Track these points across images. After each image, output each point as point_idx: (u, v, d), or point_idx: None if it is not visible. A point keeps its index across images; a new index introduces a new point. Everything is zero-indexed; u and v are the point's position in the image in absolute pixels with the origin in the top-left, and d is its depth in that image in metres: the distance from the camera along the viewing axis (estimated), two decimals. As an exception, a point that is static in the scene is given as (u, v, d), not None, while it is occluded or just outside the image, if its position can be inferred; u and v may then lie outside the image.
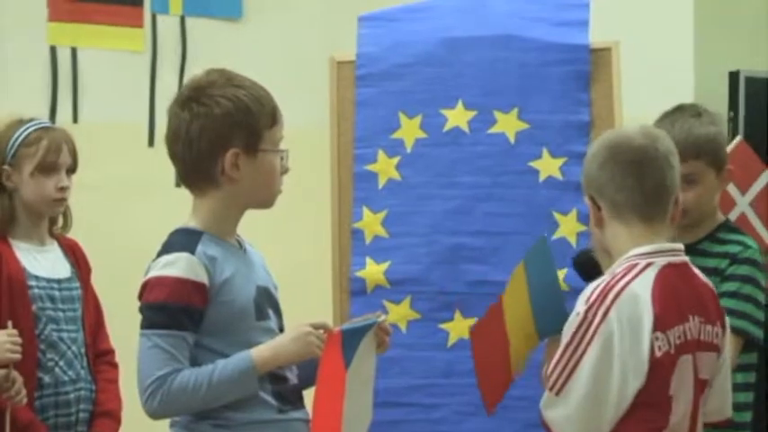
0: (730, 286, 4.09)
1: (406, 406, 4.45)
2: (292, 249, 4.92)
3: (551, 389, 3.32)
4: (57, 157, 4.16)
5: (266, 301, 3.55)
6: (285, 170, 3.57)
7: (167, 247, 3.45)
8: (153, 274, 3.42)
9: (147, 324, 3.40)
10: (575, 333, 3.30)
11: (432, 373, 4.48)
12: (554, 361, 3.30)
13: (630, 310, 3.30)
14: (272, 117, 3.53)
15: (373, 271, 4.57)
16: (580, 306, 3.32)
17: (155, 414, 3.42)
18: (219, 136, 3.45)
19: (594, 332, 3.28)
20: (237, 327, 3.44)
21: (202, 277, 3.39)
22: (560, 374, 3.31)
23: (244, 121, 3.47)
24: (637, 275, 3.36)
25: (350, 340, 3.42)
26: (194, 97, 3.48)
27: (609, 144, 3.61)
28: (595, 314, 3.28)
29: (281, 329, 3.58)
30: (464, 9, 4.65)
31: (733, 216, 4.73)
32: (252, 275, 3.53)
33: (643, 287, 3.34)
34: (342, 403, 3.39)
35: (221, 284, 3.42)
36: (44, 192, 4.15)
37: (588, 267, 3.67)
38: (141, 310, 3.43)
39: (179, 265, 3.39)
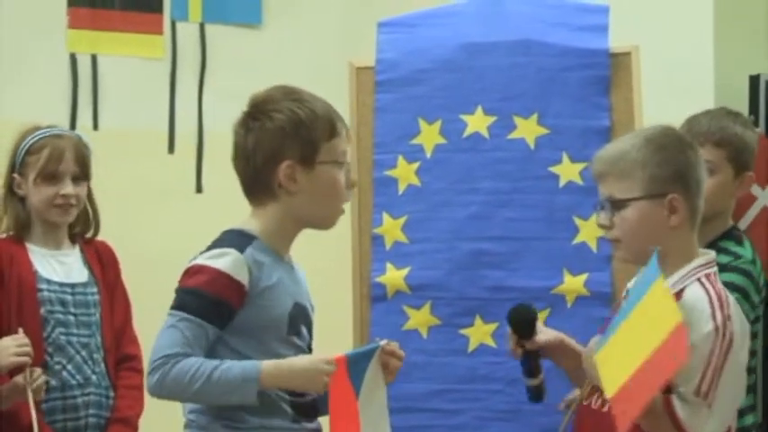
0: None
1: (426, 411, 4.46)
2: (313, 255, 4.89)
3: (705, 398, 3.42)
4: (57, 166, 4.18)
5: (301, 319, 3.57)
6: (351, 184, 3.61)
7: (218, 243, 3.49)
8: (197, 261, 3.46)
9: (176, 305, 3.43)
10: (715, 342, 3.40)
11: (452, 379, 4.48)
12: (701, 373, 3.39)
13: (739, 315, 3.46)
14: (331, 129, 3.54)
15: (393, 276, 4.56)
16: (704, 315, 3.44)
17: (151, 391, 3.45)
18: (273, 148, 3.49)
19: (730, 339, 3.40)
20: (267, 335, 3.47)
21: (243, 278, 3.42)
22: (710, 385, 3.40)
23: (297, 134, 3.50)
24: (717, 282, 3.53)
25: (355, 366, 3.42)
26: (251, 113, 3.54)
27: (686, 141, 3.69)
28: (725, 322, 3.39)
29: (310, 349, 3.60)
30: (483, 14, 4.65)
31: (754, 211, 4.73)
32: (294, 291, 3.56)
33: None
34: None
35: (262, 290, 3.45)
36: (46, 199, 4.17)
37: (522, 325, 3.70)
38: (176, 291, 3.46)
39: (225, 260, 3.42)
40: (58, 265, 4.21)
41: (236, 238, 3.48)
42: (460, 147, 4.56)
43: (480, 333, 4.49)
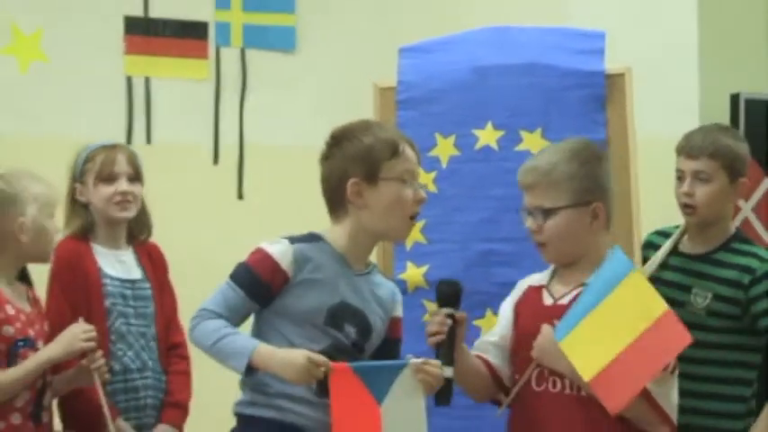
0: (764, 304, 4.12)
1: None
2: None
3: (672, 372, 3.57)
4: (112, 167, 4.20)
5: (348, 318, 3.58)
6: (419, 199, 3.63)
7: (287, 236, 3.58)
8: (261, 244, 3.56)
9: (231, 273, 3.54)
10: None
11: None
12: None
13: None
14: (392, 150, 3.59)
15: (414, 274, 4.53)
16: None
17: (188, 334, 3.60)
18: (341, 169, 3.58)
19: None
20: (304, 321, 3.52)
21: (287, 265, 3.50)
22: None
23: (359, 154, 3.57)
24: None
25: (373, 377, 3.41)
26: (329, 144, 3.65)
27: (600, 153, 3.78)
28: None
29: (355, 345, 3.59)
30: (492, 40, 4.62)
31: (737, 221, 4.71)
32: (346, 293, 3.58)
33: None
34: None
35: (302, 281, 3.51)
36: (105, 197, 4.19)
37: (449, 297, 3.70)
38: (239, 264, 3.56)
39: (276, 247, 3.52)
40: (118, 264, 4.23)
41: (303, 235, 3.60)
42: (473, 158, 4.53)
43: (491, 324, 4.37)
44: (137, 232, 4.30)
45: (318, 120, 5.34)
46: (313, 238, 3.59)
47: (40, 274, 4.11)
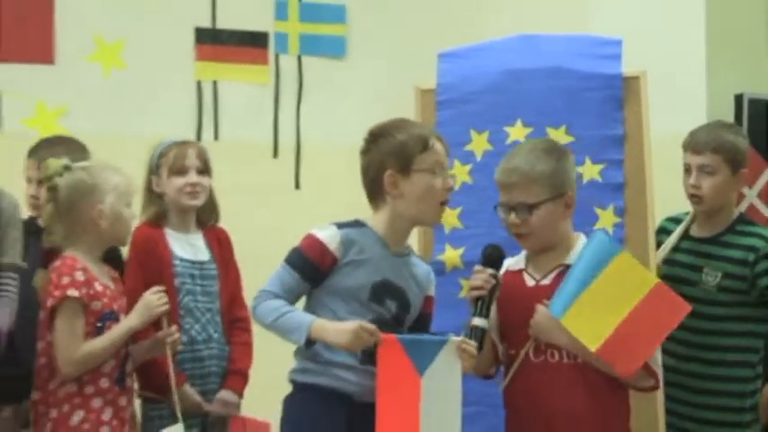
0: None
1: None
2: None
3: None
4: (183, 161, 4.20)
5: (389, 294, 3.60)
6: (448, 187, 3.65)
7: (335, 222, 3.61)
8: (312, 230, 3.59)
9: (285, 258, 3.57)
10: None
11: None
12: None
13: None
14: (423, 144, 3.61)
15: (451, 255, 4.50)
16: None
17: (250, 313, 3.63)
18: (378, 162, 3.61)
19: None
20: (351, 297, 3.54)
21: (334, 248, 3.54)
22: None
23: (393, 149, 3.60)
24: None
25: (417, 350, 3.41)
26: (368, 140, 3.67)
27: (565, 149, 3.80)
28: None
29: (395, 318, 3.60)
30: (521, 47, 4.58)
31: (743, 206, 4.73)
32: (387, 271, 3.60)
33: None
34: (418, 409, 3.37)
35: (348, 262, 3.54)
36: (177, 188, 4.19)
37: (495, 261, 3.68)
38: (292, 249, 3.58)
39: (324, 232, 3.56)
40: (188, 247, 4.22)
41: (349, 222, 3.61)
42: (504, 152, 4.33)
43: None
44: (205, 218, 4.29)
45: (366, 118, 5.32)
46: (357, 223, 3.60)
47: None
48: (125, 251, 4.13)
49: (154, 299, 3.88)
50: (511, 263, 3.80)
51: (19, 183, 4.25)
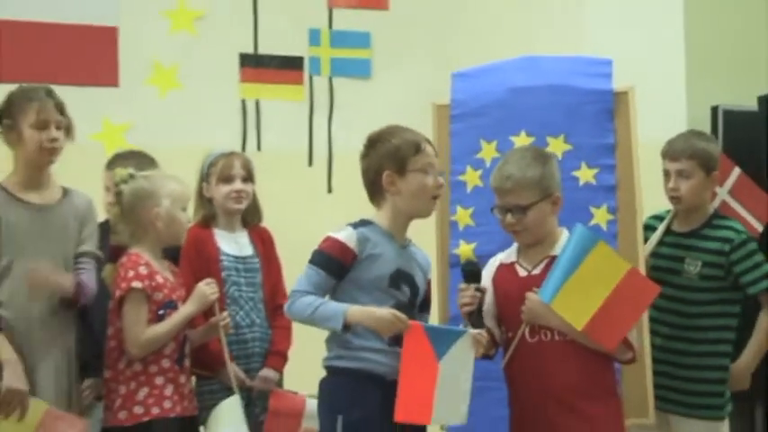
0: (748, 263, 4.15)
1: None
2: (413, 236, 4.93)
3: None
4: (230, 171, 4.24)
5: (403, 280, 3.60)
6: (438, 184, 3.65)
7: (349, 223, 3.60)
8: (329, 233, 3.58)
9: (310, 260, 3.56)
10: None
11: None
12: None
13: None
14: (416, 147, 3.61)
15: (465, 249, 4.50)
16: None
17: (286, 312, 3.59)
18: (377, 164, 3.61)
19: None
20: (372, 287, 3.54)
21: (353, 245, 3.53)
22: None
23: (390, 152, 3.60)
24: None
25: (438, 337, 3.40)
26: (366, 146, 3.67)
27: (550, 155, 3.86)
28: None
29: (411, 302, 3.62)
30: (524, 67, 4.59)
31: (716, 203, 4.72)
32: (398, 261, 3.60)
33: None
34: (433, 389, 3.36)
35: (367, 256, 3.54)
36: (225, 194, 4.23)
37: (474, 275, 3.72)
38: (313, 251, 3.58)
39: (342, 233, 3.55)
40: (234, 244, 4.25)
41: (358, 222, 3.59)
42: (510, 159, 4.55)
43: None
44: (249, 219, 4.32)
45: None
46: (366, 222, 3.60)
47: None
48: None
49: (207, 289, 3.92)
50: (503, 256, 3.84)
51: (88, 188, 4.22)
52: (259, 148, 5.60)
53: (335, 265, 3.53)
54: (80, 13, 5.29)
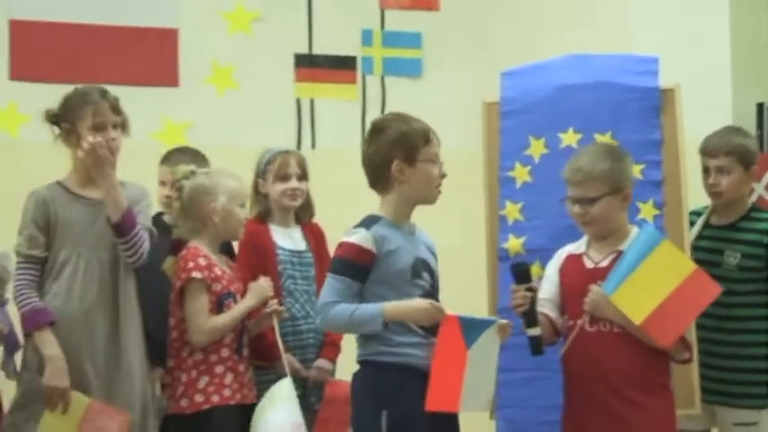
0: None
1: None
2: (462, 231, 4.96)
3: None
4: (287, 169, 4.24)
5: (422, 268, 3.55)
6: (443, 175, 3.58)
7: (358, 225, 3.53)
8: (343, 239, 3.52)
9: (330, 269, 3.51)
10: None
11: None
12: None
13: None
14: (424, 138, 3.54)
15: (514, 243, 4.48)
16: None
17: (320, 326, 3.64)
18: (386, 153, 3.52)
19: None
20: (396, 281, 3.48)
21: (369, 246, 3.45)
22: None
23: (401, 142, 3.51)
24: None
25: (469, 328, 3.38)
26: (372, 131, 3.60)
27: (623, 152, 3.84)
28: None
29: (433, 287, 3.60)
30: (572, 65, 4.57)
31: (752, 198, 4.71)
32: (413, 250, 3.54)
33: None
34: (462, 377, 3.35)
35: (386, 253, 3.46)
36: (280, 192, 4.23)
37: (524, 275, 3.68)
38: (331, 260, 3.54)
39: (356, 236, 3.47)
40: (288, 239, 4.26)
41: (367, 221, 3.52)
42: (558, 155, 4.42)
43: None
44: (302, 215, 4.33)
45: (440, 127, 5.30)
46: (375, 219, 3.53)
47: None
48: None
49: (265, 284, 3.97)
50: (572, 247, 3.85)
51: (150, 185, 4.28)
52: (313, 145, 5.61)
53: (358, 270, 3.46)
54: (142, 16, 5.36)
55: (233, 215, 3.96)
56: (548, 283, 3.88)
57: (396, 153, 3.50)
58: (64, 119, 3.82)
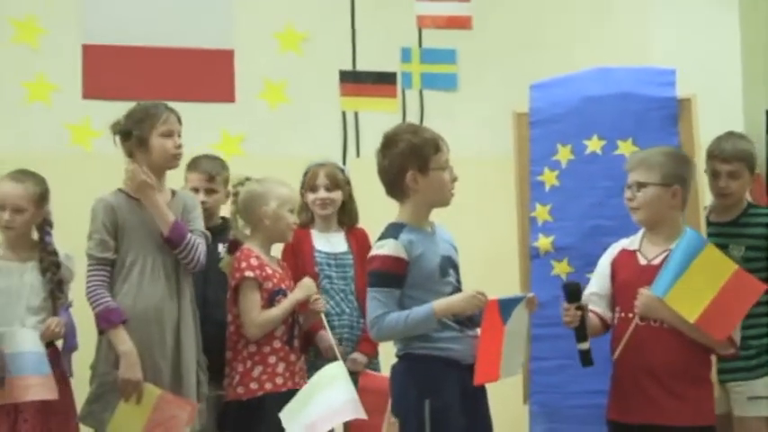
0: None
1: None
2: (495, 231, 4.93)
3: None
4: (315, 181, 4.30)
5: (448, 265, 3.53)
6: (454, 179, 3.53)
7: (383, 236, 3.50)
8: (372, 252, 3.50)
9: (369, 284, 3.48)
10: None
11: None
12: None
13: None
14: (435, 147, 3.48)
15: (544, 242, 4.57)
16: None
17: (375, 339, 3.59)
18: (400, 164, 3.47)
19: None
20: (428, 282, 3.46)
21: (402, 254, 3.41)
22: None
23: (413, 152, 3.47)
24: None
25: (506, 306, 3.39)
26: (385, 143, 3.54)
27: (684, 156, 3.81)
28: None
29: (458, 281, 3.58)
30: (596, 77, 4.64)
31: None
32: (437, 249, 3.50)
33: None
34: (500, 350, 3.38)
35: (416, 257, 3.43)
36: (311, 201, 4.30)
37: (574, 293, 3.63)
38: (367, 274, 3.51)
39: (387, 247, 3.43)
40: (327, 242, 4.32)
41: (392, 230, 3.48)
42: (584, 160, 4.57)
43: None
44: (345, 220, 4.38)
45: (475, 137, 5.46)
46: (399, 226, 3.48)
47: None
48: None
49: (310, 282, 4.04)
50: (626, 242, 3.82)
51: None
52: (358, 155, 5.57)
53: (395, 279, 3.41)
54: (201, 38, 5.36)
55: (282, 219, 4.00)
56: (599, 278, 3.84)
57: (409, 164, 3.45)
58: (135, 127, 3.84)
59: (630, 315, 3.66)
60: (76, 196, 3.98)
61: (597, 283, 3.84)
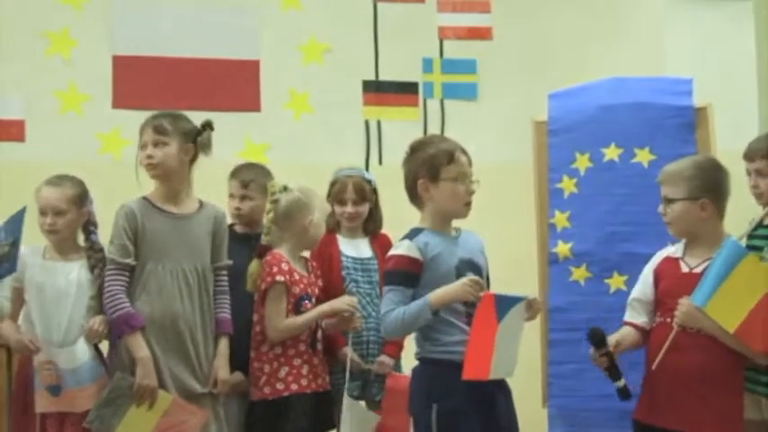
0: None
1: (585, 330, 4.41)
2: (515, 237, 4.91)
3: None
4: (343, 194, 4.27)
5: (467, 268, 3.47)
6: (471, 192, 3.49)
7: (403, 237, 3.50)
8: (389, 253, 3.51)
9: (385, 282, 3.47)
10: None
11: (599, 311, 4.40)
12: None
13: None
14: (448, 158, 3.46)
15: (563, 248, 4.56)
16: None
17: (384, 335, 3.58)
18: (413, 172, 3.49)
19: None
20: (443, 283, 3.40)
21: (415, 254, 3.39)
22: None
23: (425, 162, 3.47)
24: None
25: (502, 304, 3.31)
26: (408, 154, 3.54)
27: (715, 166, 3.66)
28: None
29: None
30: (613, 87, 4.63)
31: None
32: (456, 251, 3.46)
33: None
34: (492, 349, 3.30)
35: (432, 258, 3.41)
36: (339, 214, 4.27)
37: (599, 341, 3.57)
38: (384, 273, 3.51)
39: (402, 248, 3.43)
40: (353, 248, 4.30)
41: (411, 233, 3.48)
42: (602, 168, 4.56)
43: (617, 282, 4.48)
44: (370, 228, 4.35)
45: (495, 145, 5.45)
46: (418, 230, 3.48)
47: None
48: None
49: (346, 299, 3.99)
50: (671, 250, 3.73)
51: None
52: (380, 162, 5.60)
53: (409, 277, 3.40)
54: (228, 50, 5.40)
55: (320, 228, 4.03)
56: (642, 285, 3.76)
57: (420, 172, 3.46)
58: (164, 132, 3.83)
59: (669, 320, 3.58)
60: (106, 204, 3.96)
61: (640, 290, 3.76)
